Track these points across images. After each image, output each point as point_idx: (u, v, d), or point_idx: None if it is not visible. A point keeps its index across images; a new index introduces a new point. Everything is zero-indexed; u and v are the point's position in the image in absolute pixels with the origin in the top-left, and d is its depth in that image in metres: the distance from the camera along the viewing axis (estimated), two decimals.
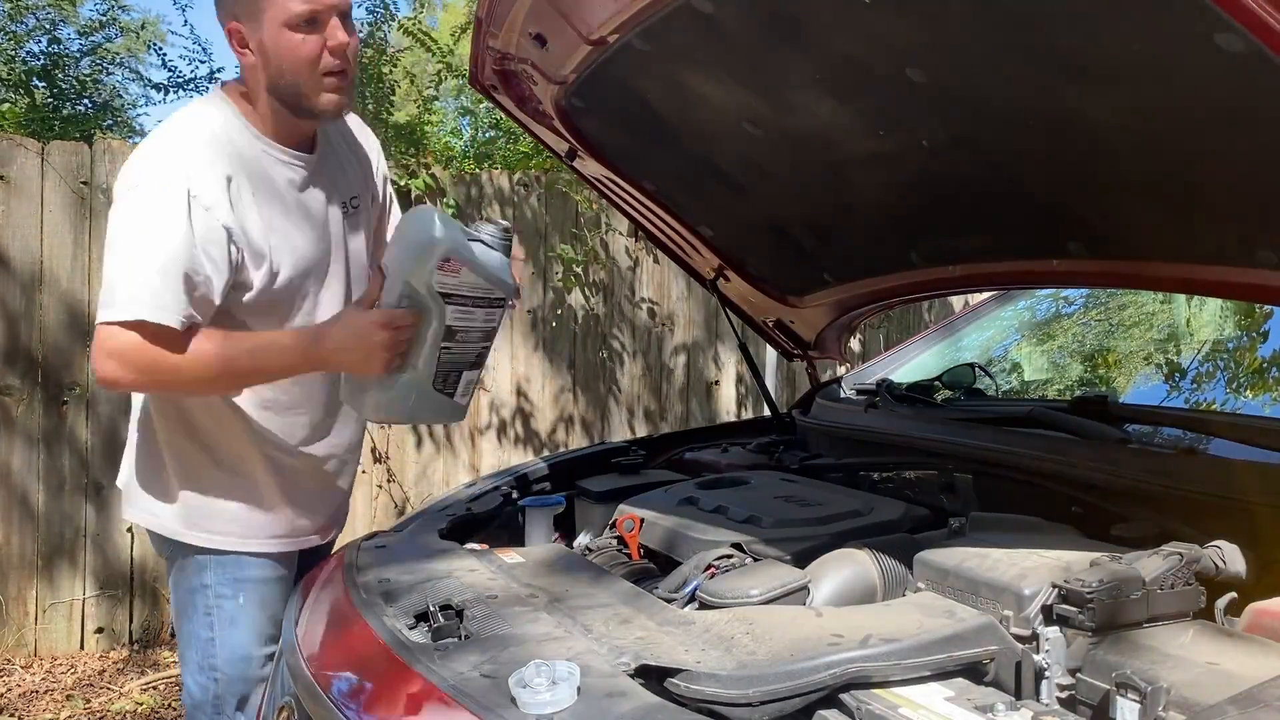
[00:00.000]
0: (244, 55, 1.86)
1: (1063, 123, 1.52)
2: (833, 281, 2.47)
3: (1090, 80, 1.39)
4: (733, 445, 2.50)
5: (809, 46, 1.67)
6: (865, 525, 1.71)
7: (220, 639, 1.97)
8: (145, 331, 1.73)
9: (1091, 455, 1.77)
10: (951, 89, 1.59)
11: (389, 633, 1.44)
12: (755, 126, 1.96)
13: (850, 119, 1.83)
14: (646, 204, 2.48)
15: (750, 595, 1.45)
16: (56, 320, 4.15)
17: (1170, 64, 1.27)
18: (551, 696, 1.15)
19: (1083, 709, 1.22)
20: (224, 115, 1.88)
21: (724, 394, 5.38)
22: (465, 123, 6.91)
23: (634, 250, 5.16)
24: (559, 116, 2.22)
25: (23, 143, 4.14)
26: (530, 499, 2.12)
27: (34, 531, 4.12)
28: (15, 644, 4.10)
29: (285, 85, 1.84)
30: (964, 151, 1.76)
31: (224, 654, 1.97)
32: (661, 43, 1.81)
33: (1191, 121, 1.36)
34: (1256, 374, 2.35)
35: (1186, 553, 1.32)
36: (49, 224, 4.13)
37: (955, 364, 2.59)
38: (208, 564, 1.98)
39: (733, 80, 1.88)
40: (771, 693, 1.15)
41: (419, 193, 4.61)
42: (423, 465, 4.77)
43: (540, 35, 1.94)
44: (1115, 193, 1.63)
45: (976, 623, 1.27)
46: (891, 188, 1.99)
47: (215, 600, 1.97)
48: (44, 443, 4.13)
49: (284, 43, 1.80)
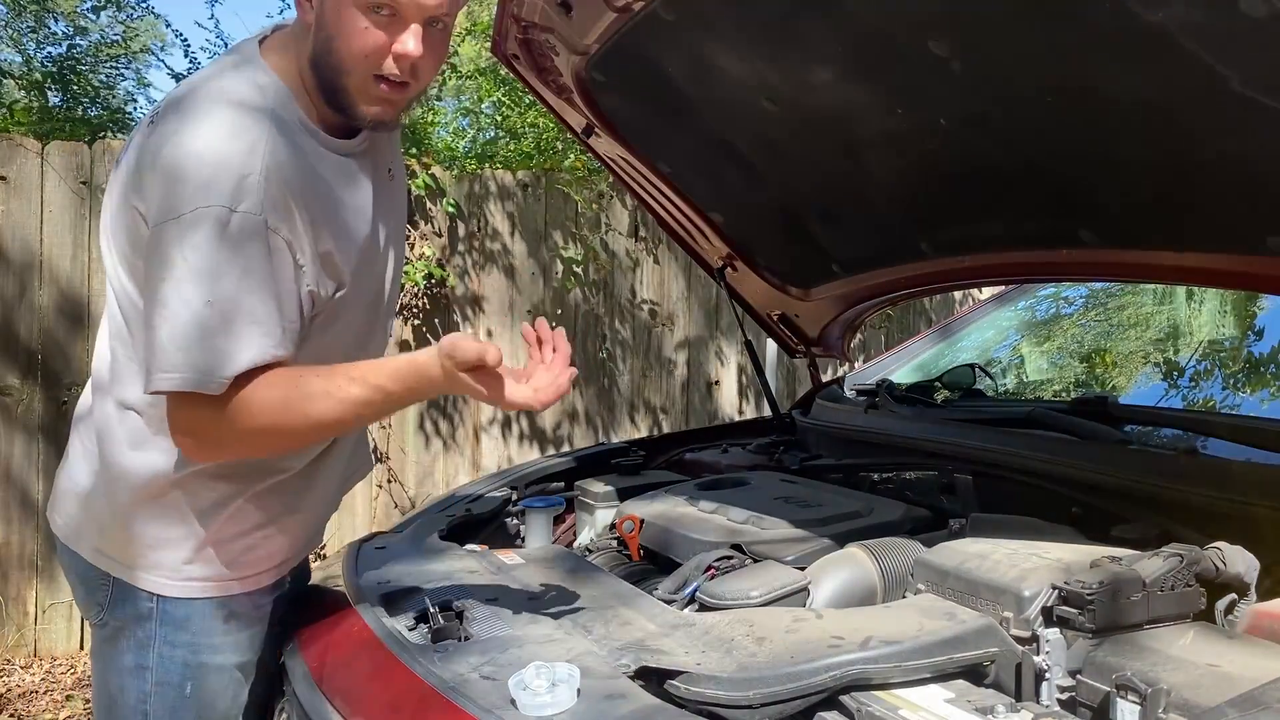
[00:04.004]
0: (303, 9, 1.49)
1: (1083, 98, 1.51)
2: (841, 273, 2.47)
3: (1114, 51, 1.38)
4: (733, 446, 2.50)
5: (833, 17, 1.66)
6: (865, 526, 1.71)
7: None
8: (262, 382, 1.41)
9: (1091, 456, 1.77)
10: (974, 62, 1.58)
11: (389, 634, 1.44)
12: (774, 103, 1.96)
13: (870, 95, 1.82)
14: (659, 186, 2.48)
15: (750, 597, 1.45)
16: (56, 320, 4.15)
17: (1193, 31, 1.26)
18: (551, 698, 1.15)
19: (1083, 711, 1.22)
20: (274, 96, 1.49)
21: (724, 393, 5.38)
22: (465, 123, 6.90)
23: (634, 250, 5.16)
24: (579, 90, 2.22)
25: (22, 143, 4.14)
26: (530, 500, 2.12)
27: (34, 531, 4.12)
28: (15, 644, 4.10)
29: (328, 66, 1.48)
30: (981, 131, 1.75)
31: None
32: (686, 11, 1.81)
33: (1211, 95, 1.34)
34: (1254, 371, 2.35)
35: (1187, 554, 1.32)
36: (49, 224, 4.12)
37: (955, 365, 2.59)
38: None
39: (754, 53, 1.87)
40: (772, 695, 1.15)
41: (419, 193, 4.61)
42: (425, 464, 4.77)
43: (566, 2, 1.93)
44: (1130, 175, 1.63)
45: (977, 624, 1.27)
46: (906, 171, 1.99)
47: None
48: (44, 442, 4.13)
49: (345, 21, 1.44)
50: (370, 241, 1.63)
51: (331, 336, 1.57)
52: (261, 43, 1.56)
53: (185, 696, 1.58)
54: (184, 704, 1.59)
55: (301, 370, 1.44)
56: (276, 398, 1.41)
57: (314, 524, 1.76)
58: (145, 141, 1.46)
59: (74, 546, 1.63)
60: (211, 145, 1.40)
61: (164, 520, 1.56)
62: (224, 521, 1.58)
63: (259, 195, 1.39)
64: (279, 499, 1.63)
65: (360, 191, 1.61)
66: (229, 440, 1.44)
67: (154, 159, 1.42)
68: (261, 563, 1.64)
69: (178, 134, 1.42)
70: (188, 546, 1.57)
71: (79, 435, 1.64)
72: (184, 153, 1.39)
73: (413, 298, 4.60)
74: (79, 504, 1.63)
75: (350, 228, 1.58)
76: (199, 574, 1.58)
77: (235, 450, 1.49)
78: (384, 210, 1.67)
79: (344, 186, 1.57)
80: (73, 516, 1.64)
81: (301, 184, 1.46)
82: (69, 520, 1.65)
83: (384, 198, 1.67)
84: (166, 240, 1.38)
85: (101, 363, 1.61)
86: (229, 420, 1.40)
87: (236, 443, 1.45)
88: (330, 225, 1.52)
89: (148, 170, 1.43)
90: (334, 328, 1.58)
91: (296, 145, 1.48)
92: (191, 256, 1.37)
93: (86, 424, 1.62)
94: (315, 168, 1.51)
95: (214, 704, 1.61)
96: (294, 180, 1.45)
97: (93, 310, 4.15)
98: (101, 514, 1.59)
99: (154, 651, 1.58)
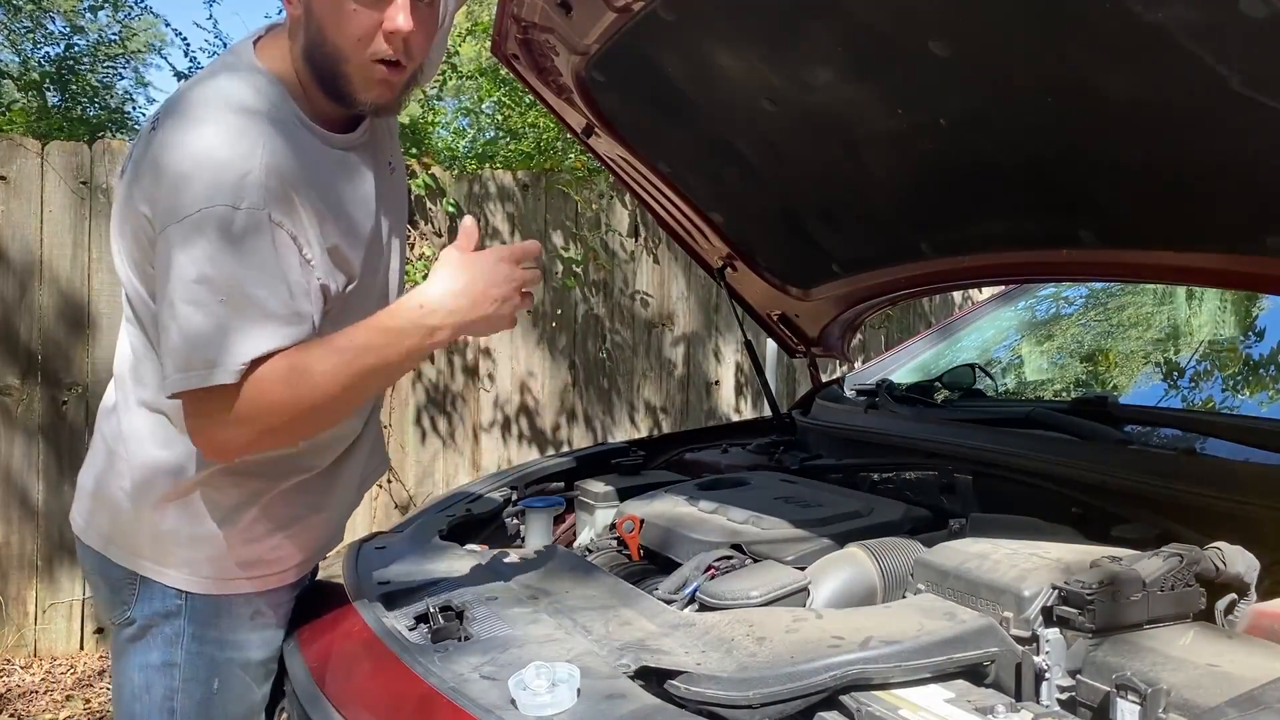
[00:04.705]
0: (290, 3, 1.51)
1: (1083, 98, 1.51)
2: (841, 273, 2.47)
3: (1114, 51, 1.38)
4: (733, 446, 2.50)
5: (833, 17, 1.66)
6: (865, 526, 1.71)
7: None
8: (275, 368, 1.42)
9: (1091, 456, 1.77)
10: (974, 62, 1.58)
11: (389, 633, 1.44)
12: (774, 104, 1.96)
13: (870, 95, 1.82)
14: (659, 187, 2.48)
15: (750, 596, 1.45)
16: (56, 320, 4.15)
17: (1193, 31, 1.26)
18: (551, 698, 1.15)
19: (1083, 711, 1.22)
20: (270, 96, 1.50)
21: (724, 393, 5.39)
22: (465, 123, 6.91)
23: (633, 250, 5.16)
24: (578, 90, 2.22)
25: (22, 143, 4.14)
26: (530, 500, 2.12)
27: (34, 531, 4.12)
28: (15, 644, 4.10)
29: (323, 56, 1.48)
30: (981, 130, 1.75)
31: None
32: (686, 11, 1.81)
33: (1211, 95, 1.34)
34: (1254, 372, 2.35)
35: (1187, 554, 1.31)
36: (49, 224, 4.12)
37: (955, 365, 2.59)
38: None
39: (754, 53, 1.87)
40: (772, 694, 1.15)
41: (419, 193, 4.62)
42: (424, 464, 4.77)
43: (566, 2, 1.93)
44: (1130, 175, 1.63)
45: (977, 624, 1.27)
46: (906, 172, 1.99)
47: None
48: (43, 442, 4.13)
49: (332, 7, 1.45)
50: (375, 234, 1.64)
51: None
52: (255, 43, 1.57)
53: (212, 693, 1.60)
54: (211, 700, 1.60)
55: (301, 345, 1.44)
56: (280, 370, 1.41)
57: (336, 522, 1.78)
58: (147, 147, 1.47)
59: (97, 546, 1.64)
60: (211, 147, 1.41)
61: (192, 518, 1.57)
62: (251, 520, 1.59)
63: (261, 191, 1.40)
64: (303, 498, 1.65)
65: (362, 185, 1.61)
66: (244, 428, 1.43)
67: (155, 164, 1.43)
68: (286, 560, 1.66)
69: (177, 138, 1.43)
70: (216, 544, 1.58)
71: (103, 436, 1.65)
72: (184, 156, 1.40)
73: None
74: (104, 504, 1.63)
75: (355, 221, 1.58)
76: (227, 571, 1.60)
77: (251, 436, 1.46)
78: (386, 203, 1.68)
79: (345, 180, 1.58)
80: (97, 516, 1.64)
81: (302, 179, 1.47)
82: (92, 520, 1.65)
83: (386, 191, 1.68)
84: (174, 243, 1.39)
85: (123, 364, 1.62)
86: (243, 406, 1.40)
87: (252, 428, 1.44)
88: (335, 219, 1.53)
89: (150, 176, 1.44)
90: (345, 322, 1.57)
91: (295, 142, 1.48)
92: (199, 257, 1.38)
93: (110, 424, 1.63)
94: (315, 163, 1.51)
95: (240, 699, 1.63)
96: (294, 175, 1.45)
97: (93, 311, 4.16)
98: (128, 513, 1.59)
99: (182, 648, 1.59)
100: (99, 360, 4.12)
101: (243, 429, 1.42)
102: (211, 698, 1.60)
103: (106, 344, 4.11)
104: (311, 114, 1.54)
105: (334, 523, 1.78)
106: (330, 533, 1.78)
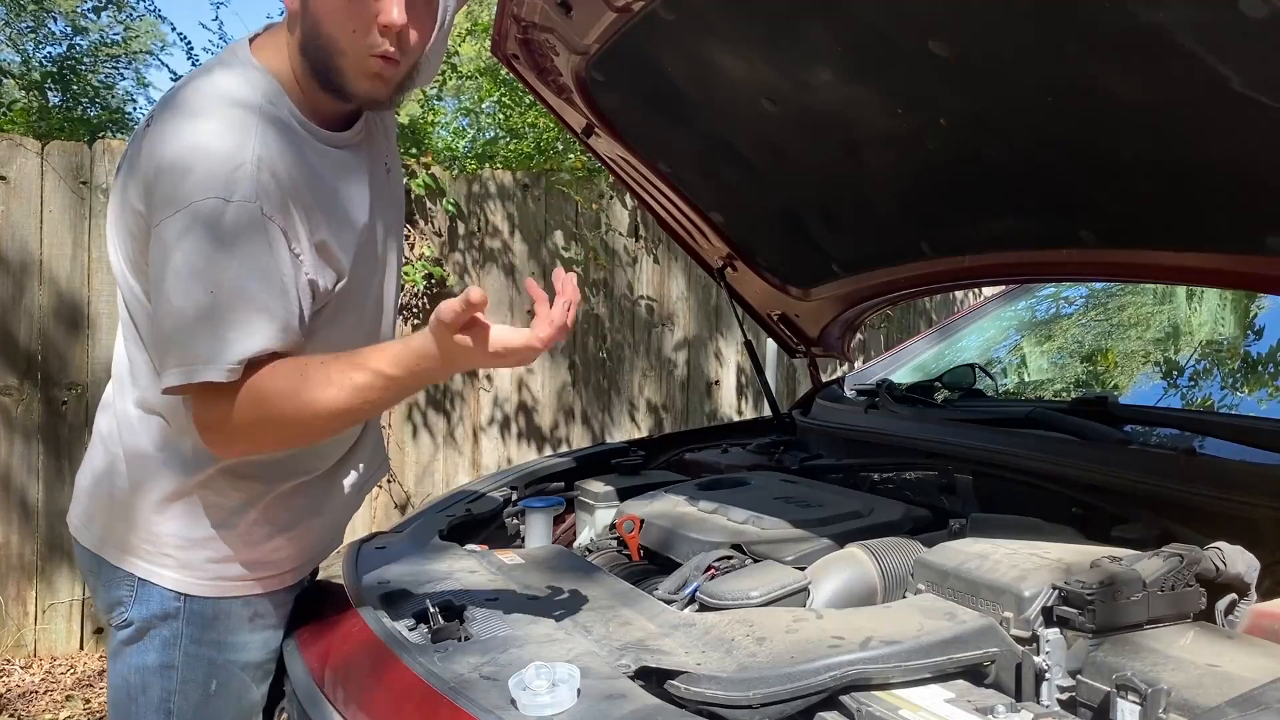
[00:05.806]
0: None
1: (1083, 98, 1.51)
2: (841, 273, 2.47)
3: (1113, 51, 1.38)
4: (733, 446, 2.50)
5: (834, 16, 1.66)
6: (865, 526, 1.71)
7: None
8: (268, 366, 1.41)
9: (1091, 456, 1.77)
10: (974, 62, 1.58)
11: (389, 634, 1.44)
12: (774, 104, 1.95)
13: (870, 95, 1.82)
14: (660, 187, 2.48)
15: (750, 597, 1.45)
16: (55, 320, 4.15)
17: (1193, 31, 1.26)
18: (551, 698, 1.15)
19: (1083, 711, 1.22)
20: (265, 91, 1.49)
21: (724, 393, 5.39)
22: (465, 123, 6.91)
23: (633, 250, 5.16)
24: (578, 90, 2.22)
25: (22, 143, 4.14)
26: (530, 500, 2.12)
27: (33, 532, 4.12)
28: (15, 644, 4.10)
29: (318, 49, 1.47)
30: (981, 131, 1.75)
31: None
32: (686, 11, 1.81)
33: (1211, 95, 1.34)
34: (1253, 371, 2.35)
35: (1187, 554, 1.31)
36: (49, 224, 4.12)
37: (955, 365, 2.59)
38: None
39: (755, 53, 1.87)
40: (772, 695, 1.15)
41: (419, 193, 4.61)
42: (424, 463, 4.77)
43: (566, 2, 1.93)
44: (1130, 175, 1.63)
45: (977, 625, 1.27)
46: (906, 172, 2.00)
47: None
48: (43, 443, 4.13)
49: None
50: (369, 234, 1.62)
51: (339, 333, 1.57)
52: (252, 41, 1.57)
53: (210, 695, 1.59)
54: (208, 702, 1.59)
55: (307, 359, 1.44)
56: (283, 387, 1.40)
57: (336, 525, 1.78)
58: (141, 144, 1.47)
59: (94, 547, 1.63)
60: (203, 140, 1.40)
61: (192, 520, 1.57)
62: (251, 522, 1.59)
63: (252, 184, 1.40)
64: (304, 500, 1.65)
65: (356, 183, 1.60)
66: (245, 432, 1.43)
67: (149, 159, 1.43)
68: (286, 563, 1.66)
69: (170, 132, 1.43)
70: (216, 546, 1.58)
71: (101, 437, 1.65)
72: (176, 150, 1.40)
73: (413, 298, 4.61)
74: (102, 505, 1.63)
75: (347, 218, 1.57)
76: (227, 573, 1.60)
77: (253, 442, 1.47)
78: (382, 204, 1.67)
79: (339, 178, 1.57)
80: (95, 518, 1.64)
81: (294, 174, 1.46)
82: (89, 521, 1.65)
83: (381, 192, 1.67)
84: (166, 237, 1.39)
85: (120, 366, 1.62)
86: (242, 411, 1.40)
87: (252, 435, 1.44)
88: (325, 215, 1.52)
89: (144, 171, 1.44)
90: (341, 322, 1.58)
91: (288, 137, 1.48)
92: (191, 250, 1.37)
93: (109, 426, 1.63)
94: (308, 159, 1.51)
95: (238, 700, 1.63)
96: (286, 170, 1.45)
97: (92, 311, 4.15)
98: (127, 514, 1.59)
99: (180, 650, 1.58)
100: (98, 361, 4.12)
101: (239, 431, 1.42)
102: (209, 699, 1.60)
103: (106, 344, 4.11)
104: (307, 111, 1.53)
105: (334, 525, 1.78)
106: (330, 535, 1.78)
